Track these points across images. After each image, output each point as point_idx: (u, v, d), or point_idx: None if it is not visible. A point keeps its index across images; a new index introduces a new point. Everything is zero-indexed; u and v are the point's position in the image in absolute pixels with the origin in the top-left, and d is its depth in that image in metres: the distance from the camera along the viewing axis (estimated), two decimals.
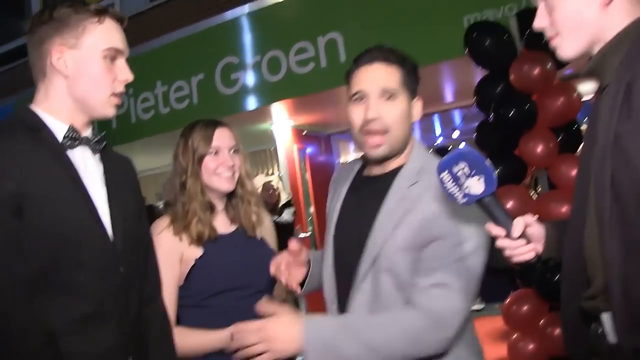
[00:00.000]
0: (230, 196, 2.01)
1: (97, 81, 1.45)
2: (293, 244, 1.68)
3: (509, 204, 3.32)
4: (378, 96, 1.57)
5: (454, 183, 1.29)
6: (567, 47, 1.27)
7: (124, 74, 1.49)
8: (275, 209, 5.92)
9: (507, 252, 1.32)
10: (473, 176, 1.26)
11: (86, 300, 1.38)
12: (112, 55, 1.46)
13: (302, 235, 6.14)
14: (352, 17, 4.66)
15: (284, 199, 6.03)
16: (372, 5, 4.60)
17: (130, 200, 1.60)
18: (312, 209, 6.61)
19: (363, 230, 1.58)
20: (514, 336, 3.52)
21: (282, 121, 6.25)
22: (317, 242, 6.47)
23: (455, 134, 9.94)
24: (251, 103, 5.24)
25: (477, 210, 1.31)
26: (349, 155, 8.91)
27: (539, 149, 3.31)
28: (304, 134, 6.71)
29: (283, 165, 6.40)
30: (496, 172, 1.26)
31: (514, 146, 3.45)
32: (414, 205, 1.52)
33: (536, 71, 3.24)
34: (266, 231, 2.10)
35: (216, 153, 1.93)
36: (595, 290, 1.23)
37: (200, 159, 1.92)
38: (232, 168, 1.94)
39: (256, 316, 1.85)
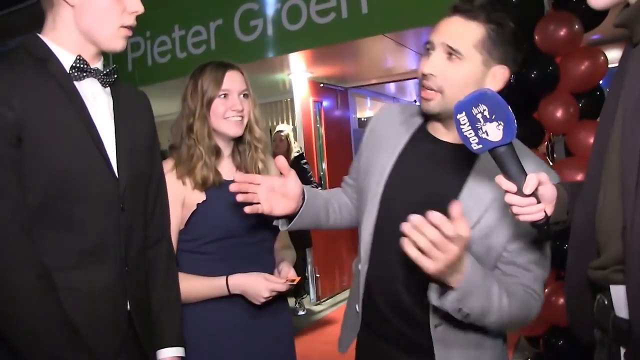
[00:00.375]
0: (237, 142, 1.98)
1: (104, 12, 1.39)
2: (280, 160, 1.56)
3: None
4: (442, 52, 1.43)
5: (470, 126, 1.19)
6: None
7: (134, 5, 1.43)
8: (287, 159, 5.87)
9: (515, 210, 1.23)
10: (492, 121, 1.17)
11: (85, 236, 1.36)
12: None
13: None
14: None
15: (295, 151, 5.98)
16: None
17: (141, 135, 1.56)
18: (324, 165, 6.58)
19: (435, 202, 1.29)
20: None
21: (300, 72, 6.17)
22: None
23: None
24: (269, 51, 5.14)
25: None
26: (366, 111, 8.83)
27: (559, 113, 3.24)
28: (320, 86, 6.63)
29: (298, 118, 6.35)
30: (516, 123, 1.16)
31: (533, 109, 3.39)
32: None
33: (562, 32, 3.15)
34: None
35: (225, 96, 1.89)
36: (606, 260, 1.16)
37: (209, 102, 1.88)
38: (241, 112, 1.90)
39: (256, 265, 1.88)
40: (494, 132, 1.17)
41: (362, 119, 7.94)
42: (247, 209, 1.53)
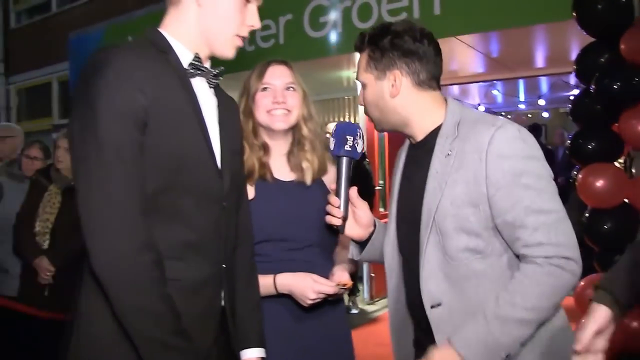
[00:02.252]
0: (293, 141, 1.95)
1: (227, 17, 1.44)
2: (352, 191, 1.70)
3: (600, 182, 3.16)
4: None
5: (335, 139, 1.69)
6: None
7: (253, 19, 1.49)
8: None
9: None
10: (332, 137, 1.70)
11: (189, 229, 1.38)
12: None
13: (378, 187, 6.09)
14: None
15: None
16: None
17: (236, 137, 1.61)
18: (386, 163, 6.53)
19: (417, 197, 1.57)
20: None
21: None
22: (387, 198, 6.41)
23: (541, 102, 9.54)
24: (338, 48, 5.12)
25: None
26: None
27: None
28: None
29: (361, 116, 6.31)
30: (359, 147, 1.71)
31: (613, 121, 3.25)
32: (461, 161, 1.49)
33: None
34: (330, 180, 1.96)
35: (267, 89, 1.87)
36: None
37: (253, 96, 1.87)
38: (285, 105, 1.86)
39: (308, 270, 1.82)
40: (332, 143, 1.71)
41: None
42: (328, 219, 1.70)
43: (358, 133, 1.71)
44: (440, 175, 1.52)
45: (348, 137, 1.69)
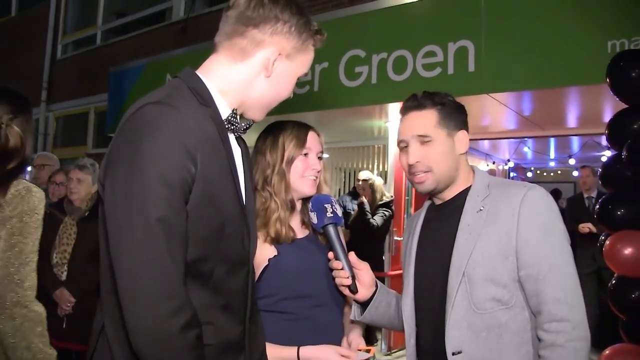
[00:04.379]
0: (305, 200, 1.99)
1: (280, 96, 1.47)
2: (352, 255, 1.82)
3: (628, 250, 3.13)
4: (416, 142, 1.75)
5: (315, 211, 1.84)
6: None
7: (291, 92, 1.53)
8: (371, 206, 5.89)
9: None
10: (312, 212, 1.85)
11: (220, 293, 1.36)
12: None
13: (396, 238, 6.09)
14: (487, 28, 4.50)
15: (383, 198, 5.97)
16: (509, 18, 4.42)
17: (250, 188, 1.57)
18: (412, 212, 6.53)
19: (444, 249, 1.70)
20: None
21: (397, 121, 6.15)
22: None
23: (572, 161, 9.48)
24: (371, 99, 5.18)
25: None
26: None
27: None
28: None
29: (391, 165, 6.36)
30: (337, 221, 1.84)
31: None
32: (494, 217, 1.65)
33: None
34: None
35: (307, 155, 1.93)
36: None
37: (291, 160, 1.91)
38: (318, 173, 1.94)
39: (330, 329, 1.86)
40: (313, 217, 1.85)
41: None
42: (338, 281, 1.81)
43: (332, 201, 1.88)
44: (472, 228, 1.66)
45: (326, 205, 1.84)
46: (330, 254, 1.80)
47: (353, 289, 1.78)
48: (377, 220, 5.80)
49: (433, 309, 1.70)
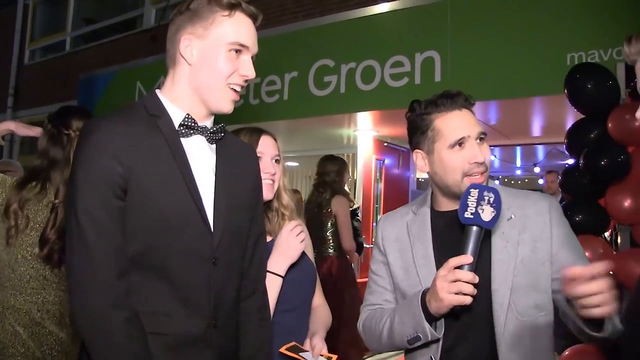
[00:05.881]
0: (266, 208, 1.97)
1: (217, 73, 1.47)
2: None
3: (586, 254, 3.23)
4: (477, 139, 1.68)
5: (474, 200, 1.54)
6: None
7: (246, 69, 1.50)
8: None
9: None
10: (492, 206, 1.52)
11: (176, 287, 1.41)
12: (237, 49, 1.48)
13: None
14: (453, 39, 4.64)
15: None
16: (473, 30, 4.57)
17: (243, 191, 1.60)
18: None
19: (480, 260, 1.55)
20: None
21: (366, 130, 6.29)
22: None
23: (537, 169, 9.68)
24: (340, 108, 5.28)
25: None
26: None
27: (627, 202, 3.21)
28: (384, 145, 6.72)
29: (359, 173, 6.45)
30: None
31: (599, 196, 3.36)
32: (524, 224, 1.65)
33: (638, 123, 3.12)
34: (307, 250, 2.04)
35: (259, 159, 1.89)
36: None
37: None
38: (273, 176, 1.93)
39: (292, 333, 1.85)
40: (487, 214, 1.52)
41: (421, 180, 7.96)
42: (462, 299, 1.56)
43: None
44: (508, 236, 1.65)
45: (485, 195, 1.56)
46: (469, 260, 1.52)
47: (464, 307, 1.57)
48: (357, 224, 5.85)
49: (473, 323, 1.63)
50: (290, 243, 1.88)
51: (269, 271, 1.82)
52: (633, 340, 1.29)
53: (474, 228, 1.53)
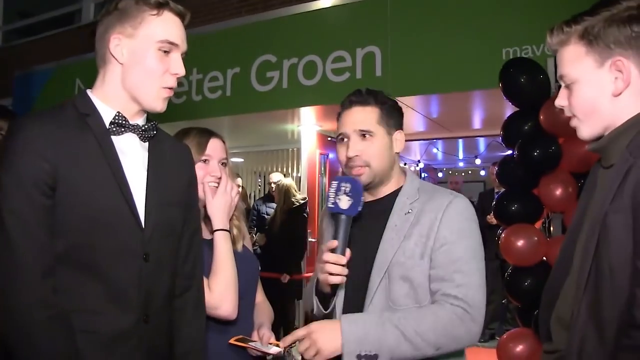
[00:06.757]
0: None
1: (148, 72, 1.48)
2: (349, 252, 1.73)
3: (520, 242, 3.36)
4: (357, 136, 1.80)
5: (334, 191, 1.71)
6: (584, 130, 1.42)
7: (176, 67, 1.52)
8: (282, 208, 5.94)
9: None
10: (348, 195, 1.68)
11: (106, 283, 1.41)
12: (167, 48, 1.50)
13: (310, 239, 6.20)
14: (393, 34, 4.71)
15: (298, 198, 6.01)
16: (414, 25, 4.65)
17: (176, 189, 1.61)
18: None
19: (370, 247, 1.76)
20: None
21: (309, 125, 6.32)
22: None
23: (477, 161, 9.94)
24: (283, 103, 5.29)
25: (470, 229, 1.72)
26: None
27: (558, 191, 3.34)
28: (328, 139, 6.77)
29: (304, 168, 6.47)
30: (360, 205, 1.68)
31: (533, 185, 3.49)
32: (419, 218, 1.73)
33: (557, 110, 3.24)
34: (247, 243, 2.11)
35: (206, 162, 1.93)
36: (556, 346, 1.41)
37: None
38: (219, 179, 1.94)
39: (242, 320, 1.89)
40: (345, 202, 1.68)
41: None
42: (332, 279, 1.71)
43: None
44: (399, 229, 1.74)
45: (342, 186, 1.72)
46: (334, 244, 1.68)
47: (340, 288, 1.78)
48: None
49: (357, 303, 1.74)
50: (226, 198, 1.92)
51: (218, 229, 1.88)
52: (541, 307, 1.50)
53: (342, 216, 1.69)
